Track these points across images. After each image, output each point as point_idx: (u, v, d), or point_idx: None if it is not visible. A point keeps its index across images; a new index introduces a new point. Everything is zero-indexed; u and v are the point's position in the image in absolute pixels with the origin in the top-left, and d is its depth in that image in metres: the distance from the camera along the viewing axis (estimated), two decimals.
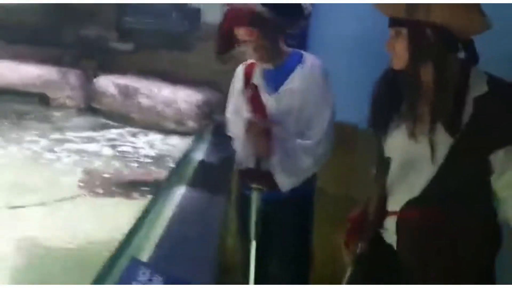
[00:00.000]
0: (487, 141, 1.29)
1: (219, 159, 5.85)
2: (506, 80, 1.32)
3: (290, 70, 2.04)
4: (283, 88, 2.08)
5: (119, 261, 2.81)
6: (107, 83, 8.50)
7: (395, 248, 1.47)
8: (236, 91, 2.30)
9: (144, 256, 3.00)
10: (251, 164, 2.14)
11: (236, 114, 2.29)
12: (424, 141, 1.35)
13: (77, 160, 6.17)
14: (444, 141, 1.33)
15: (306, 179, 2.11)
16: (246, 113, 2.19)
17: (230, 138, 2.43)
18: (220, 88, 7.75)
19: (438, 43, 1.27)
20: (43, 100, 8.97)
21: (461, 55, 1.36)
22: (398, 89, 1.40)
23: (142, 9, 10.02)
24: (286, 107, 2.04)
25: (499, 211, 1.32)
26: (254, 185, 2.08)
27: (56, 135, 7.22)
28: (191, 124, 7.54)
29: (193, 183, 4.85)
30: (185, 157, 5.67)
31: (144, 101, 7.89)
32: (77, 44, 10.20)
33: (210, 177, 5.32)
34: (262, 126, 2.09)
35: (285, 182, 2.08)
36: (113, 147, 6.95)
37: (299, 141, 2.02)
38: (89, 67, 9.49)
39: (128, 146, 7.06)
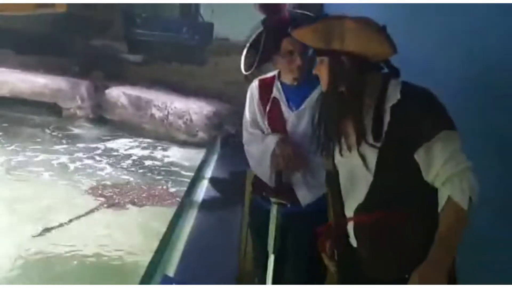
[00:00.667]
0: (408, 143, 1.40)
1: (229, 173, 5.91)
2: (416, 86, 1.45)
3: (313, 87, 2.01)
4: (305, 105, 2.08)
5: (152, 278, 2.95)
6: (118, 94, 8.61)
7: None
8: (252, 106, 2.25)
9: (171, 270, 3.14)
10: (272, 178, 2.10)
11: (254, 128, 2.24)
12: (355, 153, 1.49)
13: (90, 172, 6.24)
14: (371, 149, 1.45)
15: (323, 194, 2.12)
16: (266, 128, 2.18)
17: (239, 150, 2.41)
18: (231, 100, 7.96)
19: (353, 67, 1.43)
20: (54, 110, 9.03)
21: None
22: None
23: (153, 22, 10.19)
24: (307, 123, 2.02)
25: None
26: (274, 200, 2.06)
27: (68, 146, 7.31)
28: (201, 135, 7.66)
29: (208, 198, 4.95)
30: (199, 171, 5.78)
31: (156, 112, 7.99)
32: (87, 55, 10.43)
33: (223, 191, 5.40)
34: (290, 143, 2.07)
35: (306, 196, 2.10)
36: (125, 158, 7.03)
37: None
38: (98, 78, 9.64)
39: (141, 157, 7.14)
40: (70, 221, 4.50)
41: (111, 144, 7.58)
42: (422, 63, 2.12)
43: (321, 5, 3.91)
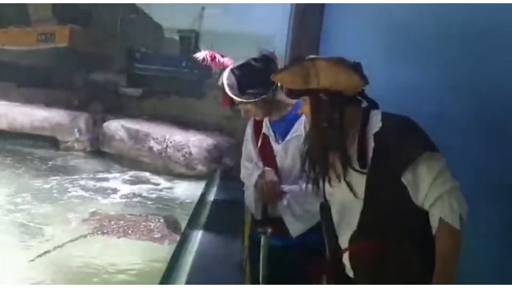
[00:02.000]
0: (394, 167, 1.46)
1: (228, 205, 5.87)
2: (395, 114, 1.55)
3: (295, 119, 2.12)
4: (289, 137, 2.15)
5: None
6: (116, 126, 8.61)
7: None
8: (248, 142, 2.38)
9: None
10: (259, 210, 2.20)
11: (249, 162, 2.33)
12: (343, 183, 1.56)
13: (84, 201, 6.23)
14: (359, 177, 1.52)
15: (315, 225, 2.10)
16: (259, 162, 2.27)
17: (238, 183, 2.49)
18: (230, 133, 8.02)
19: (331, 102, 1.53)
20: (53, 143, 9.04)
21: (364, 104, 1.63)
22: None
23: (152, 57, 10.36)
24: (293, 154, 2.10)
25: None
26: (260, 230, 2.14)
27: (64, 178, 7.27)
28: (200, 167, 7.62)
29: (209, 227, 4.89)
30: (200, 202, 5.72)
31: (154, 145, 7.98)
32: (87, 89, 10.55)
33: (223, 221, 5.34)
34: (272, 175, 2.16)
35: (294, 227, 2.11)
36: (121, 191, 7.00)
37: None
38: (97, 111, 9.70)
39: (137, 189, 7.11)
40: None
41: (107, 177, 7.55)
42: (404, 93, 2.21)
43: (323, 5, 3.85)
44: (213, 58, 2.23)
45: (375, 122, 1.54)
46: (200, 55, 2.27)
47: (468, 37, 1.98)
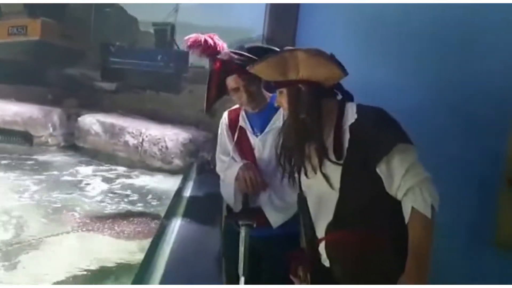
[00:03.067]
0: (368, 158, 1.48)
1: (206, 197, 5.86)
2: (370, 106, 1.56)
3: (273, 112, 2.12)
4: (267, 129, 2.16)
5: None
6: (91, 121, 8.50)
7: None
8: (223, 136, 2.36)
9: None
10: (239, 203, 2.19)
11: (224, 155, 2.34)
12: (319, 175, 1.56)
13: (63, 197, 6.15)
14: (335, 167, 1.53)
15: (295, 215, 2.08)
16: (236, 155, 2.27)
17: (215, 176, 2.45)
18: (206, 127, 7.92)
19: (310, 93, 1.54)
20: (26, 138, 8.87)
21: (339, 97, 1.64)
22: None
23: (127, 50, 10.21)
24: (272, 146, 2.09)
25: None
26: (242, 222, 2.10)
27: (39, 174, 7.14)
28: (177, 162, 7.58)
29: (187, 218, 4.86)
30: (177, 196, 5.71)
31: (130, 139, 7.91)
32: (61, 83, 10.35)
33: (201, 213, 5.33)
34: (253, 168, 2.16)
35: (275, 218, 2.13)
36: (97, 185, 6.94)
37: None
38: (72, 106, 9.59)
39: (113, 184, 7.04)
40: None
41: (82, 171, 7.46)
42: (383, 85, 2.24)
43: (298, 5, 3.95)
44: (207, 39, 2.10)
45: (351, 114, 1.54)
46: (192, 37, 2.13)
47: (442, 33, 2.03)
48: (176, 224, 4.94)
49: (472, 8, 1.94)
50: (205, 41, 2.11)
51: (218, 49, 2.11)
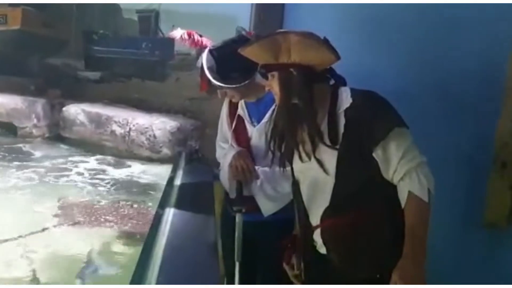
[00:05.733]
0: (364, 143, 1.47)
1: (196, 186, 5.82)
2: (364, 90, 1.55)
3: (271, 102, 2.02)
4: (265, 120, 2.11)
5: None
6: (76, 110, 8.37)
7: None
8: (222, 122, 2.35)
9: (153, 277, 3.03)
10: (233, 189, 2.18)
11: (224, 142, 2.32)
12: (313, 160, 1.54)
13: (47, 190, 6.04)
14: (330, 152, 1.51)
15: (288, 204, 2.11)
16: (234, 143, 2.23)
17: (204, 165, 2.53)
18: (194, 115, 7.88)
19: (302, 77, 1.51)
20: (10, 129, 8.74)
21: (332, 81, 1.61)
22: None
23: (111, 39, 10.03)
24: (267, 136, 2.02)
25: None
26: (235, 208, 2.12)
27: (24, 165, 7.04)
28: (165, 151, 7.53)
29: (180, 207, 4.84)
30: (168, 185, 5.67)
31: (116, 128, 7.82)
32: (43, 73, 10.16)
33: (193, 202, 5.31)
34: (246, 156, 2.16)
35: (266, 206, 2.14)
36: (83, 175, 6.85)
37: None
38: (56, 96, 9.43)
39: (100, 175, 6.95)
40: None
41: (67, 162, 7.36)
42: (373, 69, 2.24)
43: (283, 5, 3.93)
44: (190, 37, 2.14)
45: (345, 99, 1.52)
46: (176, 33, 2.17)
47: (428, 14, 2.03)
48: (170, 214, 4.92)
49: None
50: (191, 36, 2.11)
51: (204, 44, 2.10)
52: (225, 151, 2.27)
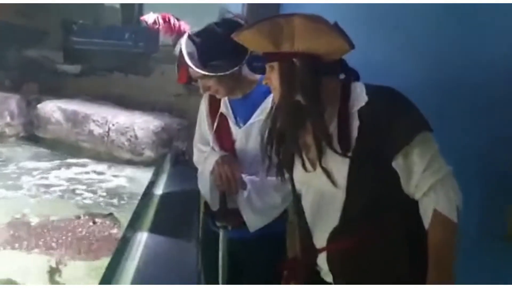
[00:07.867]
0: (383, 149, 1.32)
1: (180, 195, 5.29)
2: (381, 86, 1.39)
3: (260, 100, 1.92)
4: (252, 120, 1.96)
5: None
6: (52, 108, 7.79)
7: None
8: (201, 121, 2.15)
9: None
10: (216, 201, 1.99)
11: (203, 144, 2.13)
12: (319, 170, 1.40)
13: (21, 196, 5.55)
14: (339, 162, 1.36)
15: (277, 217, 1.99)
16: (215, 145, 2.04)
17: (191, 169, 2.25)
18: (180, 113, 7.37)
19: (307, 69, 1.35)
20: None
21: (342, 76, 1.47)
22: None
23: (91, 29, 9.42)
24: (256, 140, 1.87)
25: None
26: (219, 224, 1.94)
27: None
28: (148, 153, 6.96)
29: (156, 227, 4.18)
30: (145, 196, 5.04)
31: (95, 128, 7.26)
32: (19, 67, 9.54)
33: (173, 217, 4.68)
34: (232, 162, 1.95)
35: (253, 221, 1.95)
36: (59, 180, 6.31)
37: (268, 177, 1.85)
38: (32, 92, 8.78)
39: (77, 180, 6.39)
40: None
41: (40, 166, 6.78)
42: (382, 66, 2.10)
43: (278, 5, 3.67)
44: (166, 21, 2.01)
45: (359, 96, 1.38)
46: (149, 17, 2.05)
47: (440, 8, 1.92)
48: (143, 237, 4.23)
49: None
50: (166, 20, 1.99)
51: (182, 29, 1.97)
52: (205, 155, 2.08)
